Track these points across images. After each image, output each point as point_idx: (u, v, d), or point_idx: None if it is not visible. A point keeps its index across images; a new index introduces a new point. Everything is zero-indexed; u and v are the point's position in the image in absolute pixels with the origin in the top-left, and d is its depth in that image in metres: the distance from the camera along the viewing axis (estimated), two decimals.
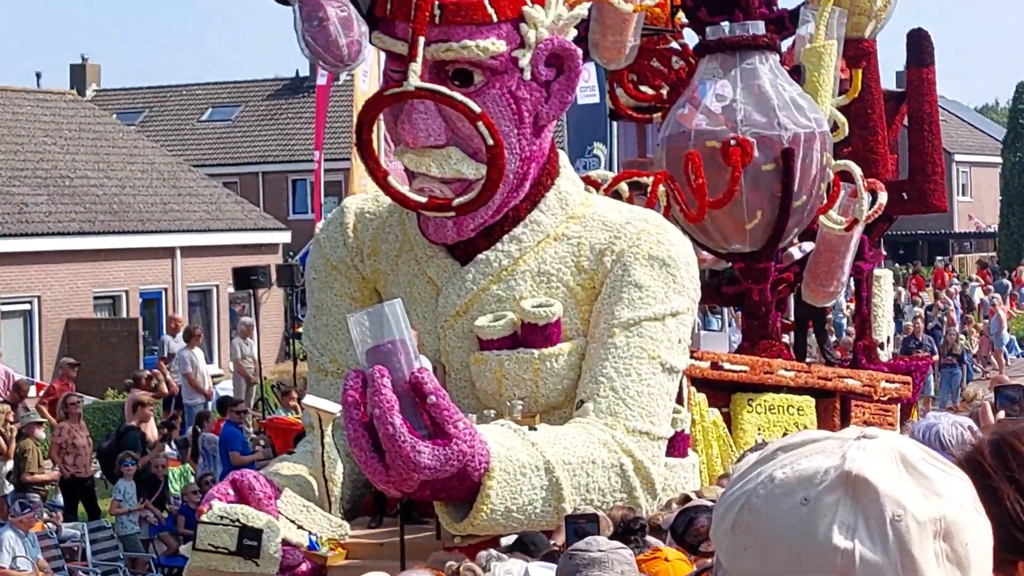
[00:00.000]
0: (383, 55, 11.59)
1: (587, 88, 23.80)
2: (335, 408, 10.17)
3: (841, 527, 1.61)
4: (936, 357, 27.58)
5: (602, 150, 23.71)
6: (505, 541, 8.87)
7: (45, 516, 16.65)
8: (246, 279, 25.74)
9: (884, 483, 1.63)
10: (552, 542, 8.64)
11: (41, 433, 18.89)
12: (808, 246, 15.31)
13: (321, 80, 25.62)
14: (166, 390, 24.73)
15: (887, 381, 14.88)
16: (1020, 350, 35.12)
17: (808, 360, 16.72)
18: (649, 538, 7.46)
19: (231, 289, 31.78)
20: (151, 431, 20.75)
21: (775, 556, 1.64)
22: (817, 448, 1.68)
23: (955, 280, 45.72)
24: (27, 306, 30.09)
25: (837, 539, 1.61)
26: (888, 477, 1.64)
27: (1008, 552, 1.99)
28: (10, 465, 19.74)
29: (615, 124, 20.10)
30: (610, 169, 17.00)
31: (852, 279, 15.81)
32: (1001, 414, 4.25)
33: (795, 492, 1.64)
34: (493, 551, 8.58)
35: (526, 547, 8.20)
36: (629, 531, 7.32)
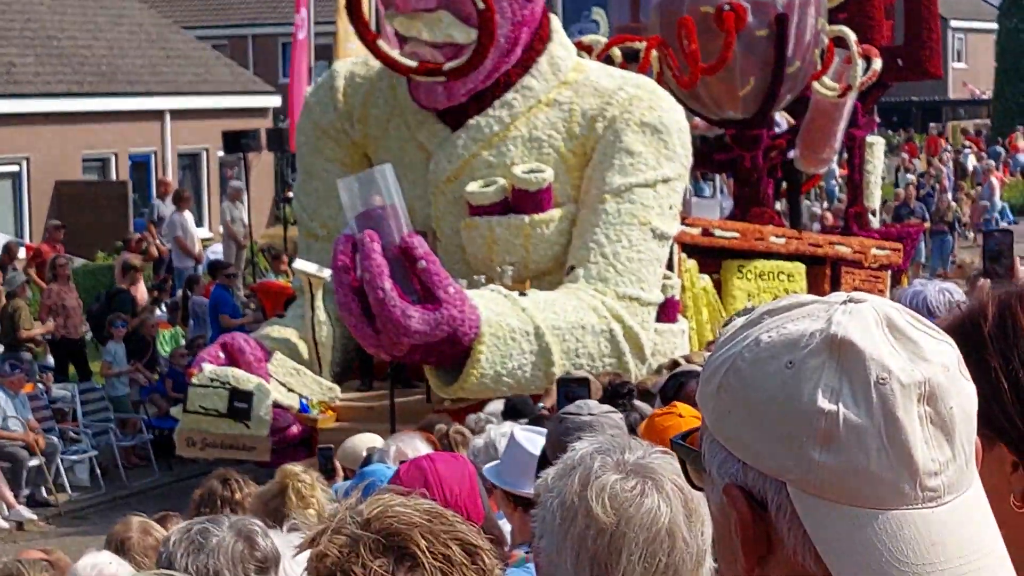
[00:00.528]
0: None
1: None
2: (325, 272, 10.18)
3: (825, 390, 1.61)
4: (927, 224, 27.57)
5: (601, 15, 23.50)
6: (493, 405, 8.93)
7: (36, 377, 16.69)
8: (236, 143, 25.58)
9: (869, 346, 1.63)
10: (540, 405, 8.68)
11: (28, 294, 18.87)
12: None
13: None
14: (155, 253, 24.70)
15: (878, 248, 14.90)
16: (1012, 217, 35.12)
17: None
18: (637, 402, 7.49)
19: (221, 153, 31.64)
20: (141, 294, 20.74)
21: (759, 418, 1.64)
22: (804, 312, 1.68)
23: (948, 147, 45.59)
24: (15, 167, 29.95)
25: (821, 401, 1.61)
26: (873, 340, 1.64)
27: (989, 430, 1.98)
28: None
29: None
30: (608, 35, 16.86)
31: (844, 146, 15.77)
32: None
33: (780, 355, 1.64)
34: (482, 415, 8.63)
35: (513, 411, 8.23)
36: (617, 395, 7.34)
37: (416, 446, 6.09)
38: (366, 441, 7.65)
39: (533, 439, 4.92)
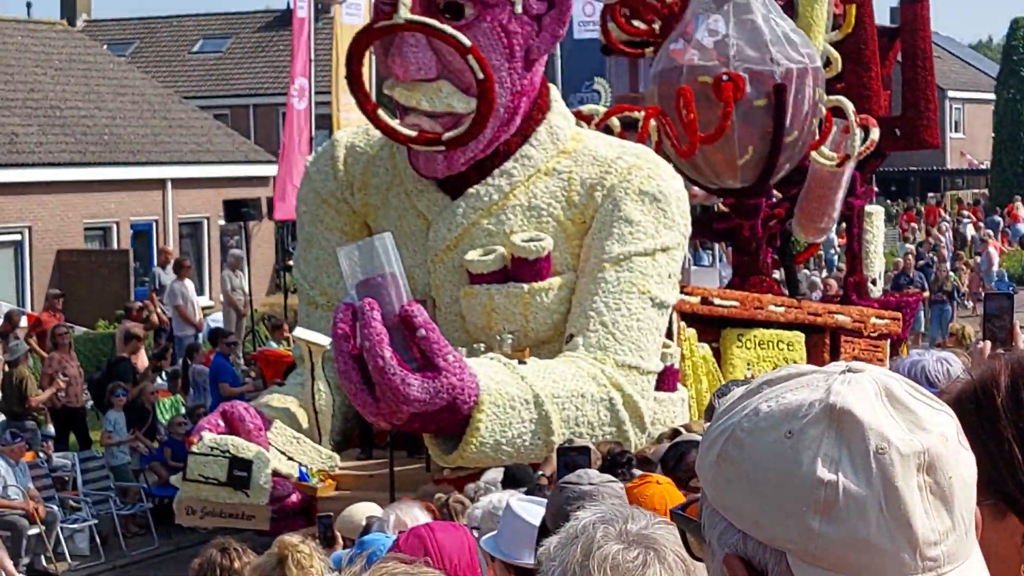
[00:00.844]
0: None
1: (589, 22, 23.69)
2: (325, 340, 10.19)
3: (825, 460, 1.62)
4: (926, 293, 27.62)
5: (603, 85, 23.63)
6: (491, 474, 8.91)
7: (37, 445, 16.68)
8: (237, 211, 25.68)
9: (868, 416, 1.64)
10: (540, 472, 8.67)
11: (30, 362, 18.88)
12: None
13: (300, 13, 25.41)
14: (156, 321, 24.73)
15: (877, 317, 14.91)
16: (1011, 285, 35.16)
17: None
18: (636, 471, 7.48)
19: (222, 221, 31.72)
20: (142, 362, 20.75)
21: (759, 488, 1.65)
22: (803, 382, 1.69)
23: (946, 216, 45.73)
24: (18, 236, 30.03)
25: (821, 471, 1.62)
26: (872, 410, 1.65)
27: (1001, 500, 1.99)
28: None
29: (607, 59, 20.04)
30: (608, 104, 16.96)
31: (843, 215, 15.81)
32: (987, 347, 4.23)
33: (780, 425, 1.65)
34: (481, 484, 8.62)
35: (512, 480, 8.23)
36: (616, 464, 7.34)
37: (415, 515, 6.08)
38: (365, 510, 7.64)
39: (530, 509, 4.91)
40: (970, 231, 41.76)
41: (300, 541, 5.54)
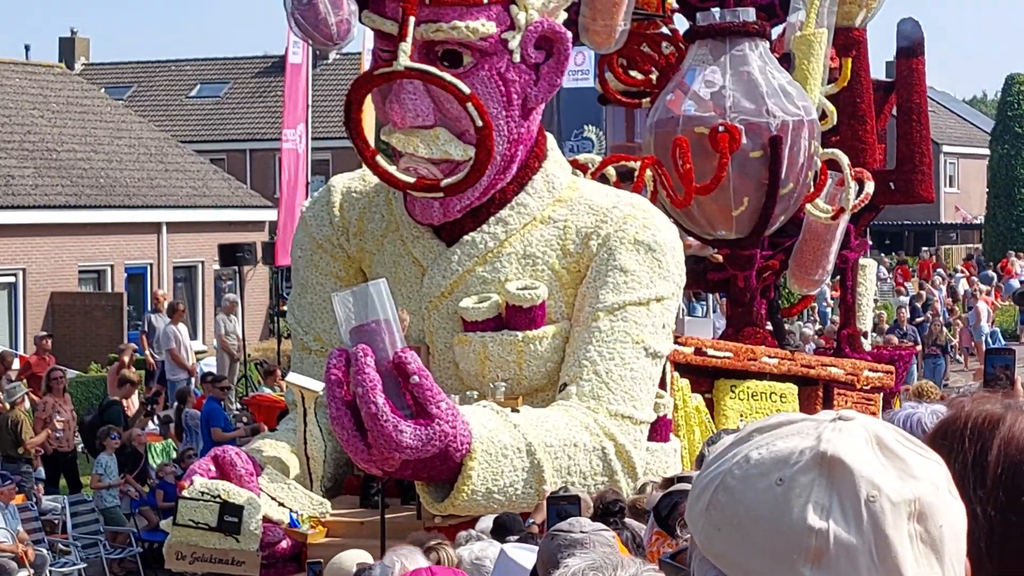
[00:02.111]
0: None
1: (580, 72, 23.78)
2: (318, 386, 10.17)
3: (815, 507, 1.62)
4: (920, 347, 27.66)
5: (594, 133, 23.68)
6: (483, 522, 8.89)
7: (27, 488, 16.65)
8: (232, 256, 25.73)
9: (859, 464, 1.64)
10: (531, 520, 8.66)
11: (26, 405, 18.86)
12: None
13: (294, 59, 25.50)
14: (153, 363, 24.78)
15: (870, 370, 14.91)
16: (1003, 342, 35.16)
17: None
18: (628, 520, 7.47)
19: (216, 265, 31.74)
20: (133, 406, 20.74)
21: (749, 536, 1.65)
22: (793, 429, 1.69)
23: (940, 271, 45.78)
24: (11, 279, 30.04)
25: (811, 519, 1.62)
26: (863, 458, 1.65)
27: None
28: None
29: (604, 108, 20.11)
30: (602, 153, 17.01)
31: (837, 268, 15.84)
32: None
33: (770, 473, 1.65)
34: (473, 532, 8.60)
35: (502, 528, 8.21)
36: (608, 513, 7.33)
37: (418, 560, 6.07)
38: (355, 557, 7.63)
39: (524, 555, 4.91)
40: (963, 286, 41.82)
41: None
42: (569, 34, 11.06)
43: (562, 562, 2.80)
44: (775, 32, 14.92)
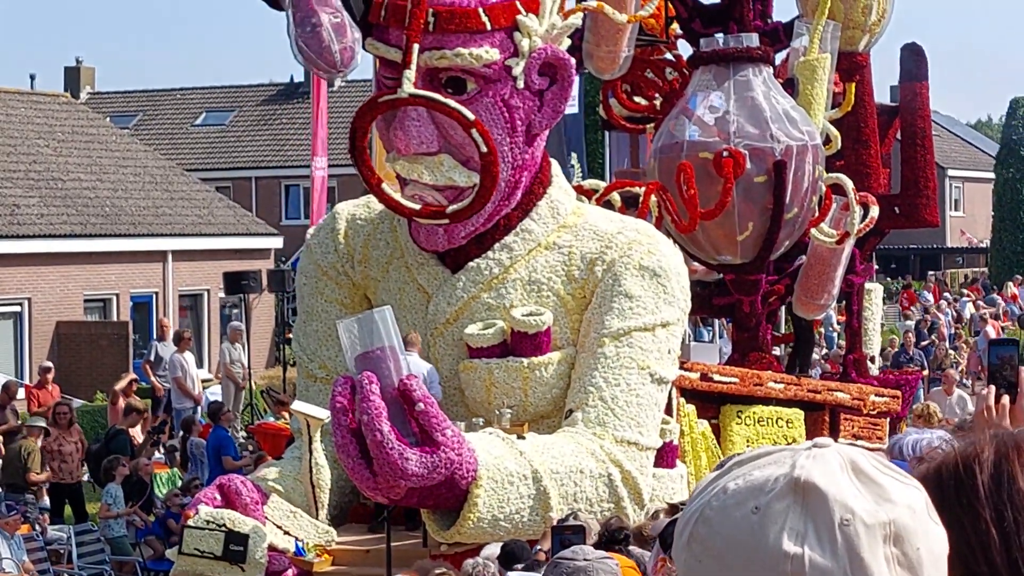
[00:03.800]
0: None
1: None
2: (323, 414, 10.15)
3: (791, 533, 1.63)
4: (926, 372, 27.62)
5: (575, 159, 23.57)
6: (489, 550, 8.86)
7: (33, 518, 16.62)
8: (237, 284, 25.73)
9: (832, 488, 1.65)
10: (538, 547, 8.63)
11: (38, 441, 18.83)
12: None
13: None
14: (155, 384, 24.79)
15: (876, 395, 14.88)
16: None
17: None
18: (633, 548, 7.44)
19: (222, 294, 31.75)
20: (139, 435, 20.70)
21: (728, 565, 1.65)
22: (770, 459, 1.70)
23: (946, 295, 45.73)
24: (17, 308, 30.05)
25: (787, 545, 1.62)
26: (837, 483, 1.66)
27: None
28: None
29: (608, 134, 20.12)
30: (584, 179, 16.99)
31: (843, 292, 15.82)
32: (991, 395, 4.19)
33: (746, 501, 1.66)
34: (480, 560, 8.57)
35: (510, 556, 8.19)
36: (613, 540, 7.31)
37: None
38: None
39: None
40: (969, 310, 41.78)
41: None
42: (573, 60, 11.07)
43: None
44: (779, 57, 14.93)
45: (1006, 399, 4.13)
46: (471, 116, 10.42)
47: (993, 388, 4.16)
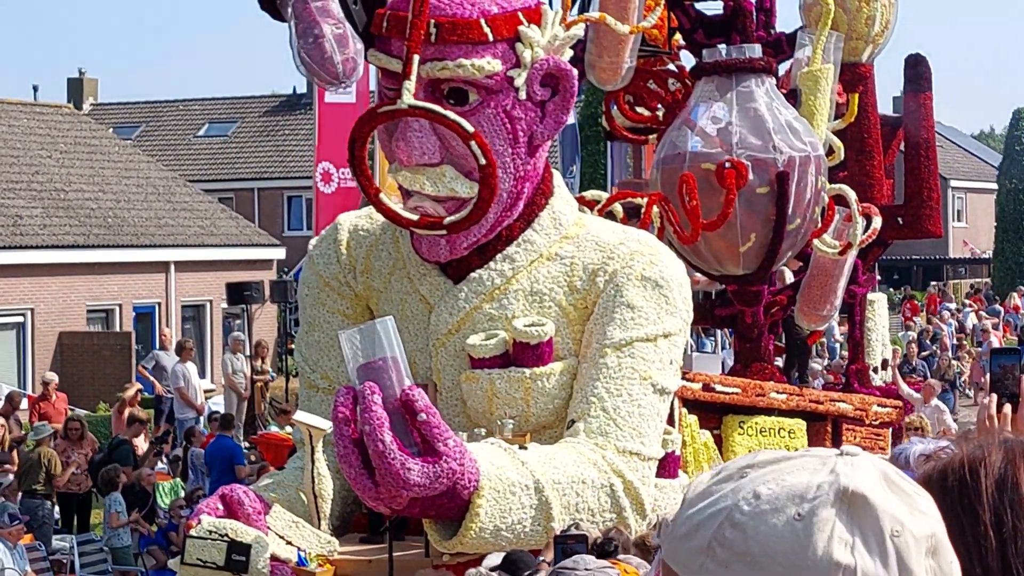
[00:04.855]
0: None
1: None
2: (325, 424, 10.15)
3: (840, 542, 1.62)
4: (939, 384, 27.64)
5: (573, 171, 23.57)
6: (491, 560, 8.85)
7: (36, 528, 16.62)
8: (240, 294, 25.77)
9: (881, 499, 1.64)
10: (541, 558, 8.64)
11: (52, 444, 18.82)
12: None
13: (336, 97, 25.46)
14: (158, 388, 24.85)
15: (879, 405, 14.89)
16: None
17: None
18: (631, 557, 7.44)
19: (224, 304, 31.77)
20: (142, 445, 20.73)
21: (767, 572, 1.64)
22: (797, 465, 1.69)
23: (948, 305, 45.73)
24: (20, 319, 30.07)
25: (838, 554, 1.61)
26: (881, 493, 1.65)
27: None
28: (9, 477, 19.84)
29: (610, 144, 20.14)
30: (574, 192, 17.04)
31: (845, 303, 15.83)
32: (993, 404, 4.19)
33: (785, 507, 1.64)
34: (481, 569, 8.57)
35: (512, 566, 8.18)
36: (604, 553, 7.31)
37: None
38: None
39: None
40: (971, 320, 41.77)
41: None
42: (575, 71, 11.08)
43: None
44: (781, 68, 14.95)
45: (1008, 408, 4.14)
46: (470, 128, 10.43)
47: (995, 397, 4.17)
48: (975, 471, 2.05)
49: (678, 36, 15.25)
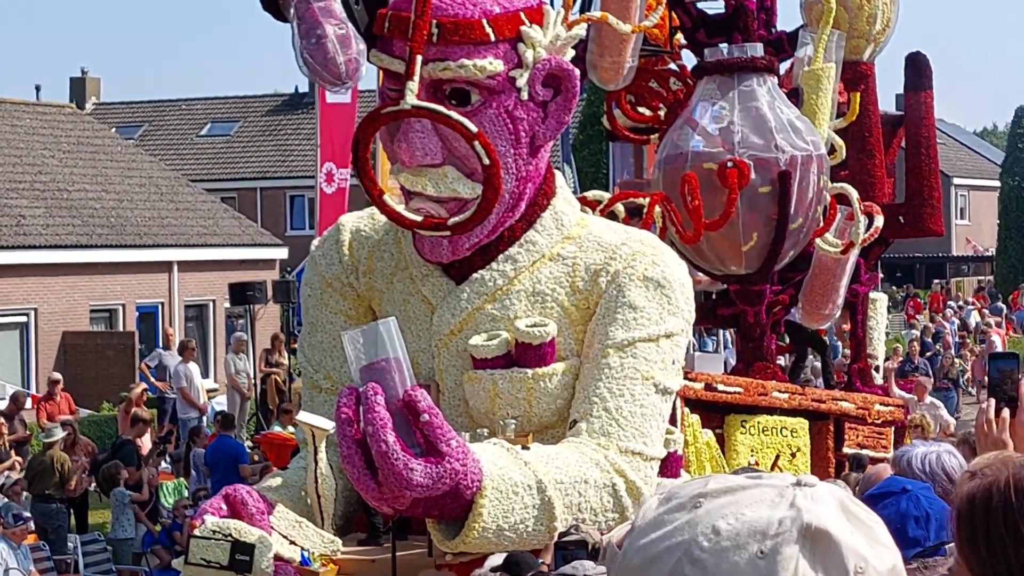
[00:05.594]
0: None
1: None
2: (328, 425, 10.17)
3: None
4: (932, 381, 27.61)
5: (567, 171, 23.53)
6: (492, 560, 8.87)
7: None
8: (242, 294, 25.78)
9: (843, 535, 1.63)
10: (541, 560, 8.65)
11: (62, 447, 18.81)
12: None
13: (337, 98, 25.44)
14: (161, 387, 24.90)
15: (881, 404, 14.90)
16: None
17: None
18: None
19: (227, 304, 31.79)
20: (146, 445, 20.76)
21: None
22: (753, 496, 1.66)
23: (952, 304, 45.72)
24: (23, 319, 30.10)
25: None
26: (843, 528, 1.63)
27: None
28: (13, 475, 19.87)
29: (611, 144, 20.16)
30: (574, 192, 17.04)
31: (847, 302, 15.84)
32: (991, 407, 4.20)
33: (747, 544, 1.62)
34: (484, 570, 8.59)
35: (514, 567, 8.20)
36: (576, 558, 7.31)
37: None
38: None
39: None
40: (974, 318, 41.78)
41: None
42: (577, 71, 11.09)
43: None
44: (783, 67, 14.96)
45: (1006, 412, 4.15)
46: (474, 128, 10.44)
47: (993, 401, 4.18)
48: (1020, 492, 2.05)
49: (680, 35, 15.26)
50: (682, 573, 1.61)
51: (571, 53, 11.45)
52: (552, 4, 10.97)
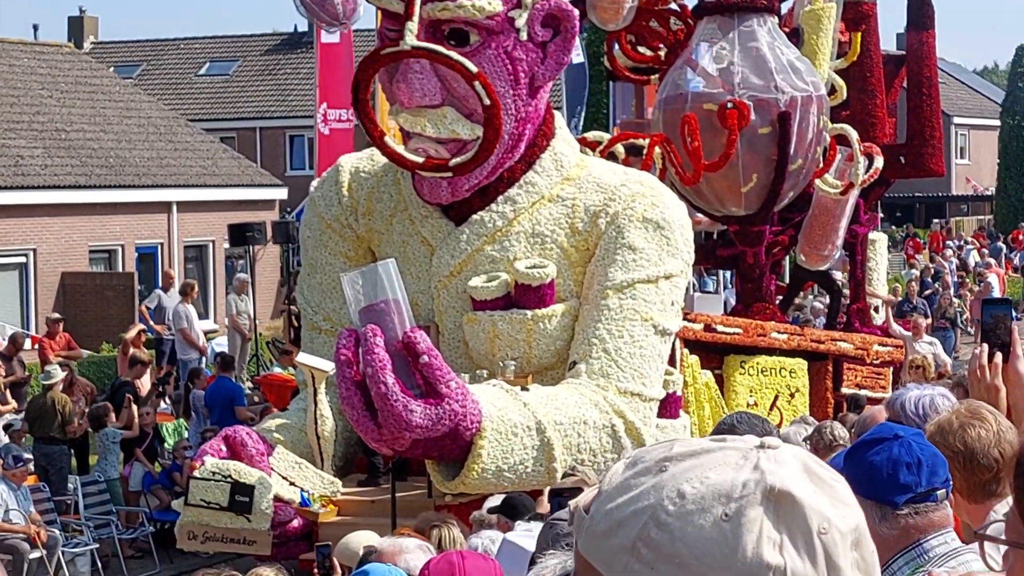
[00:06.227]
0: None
1: None
2: (328, 366, 10.18)
3: (768, 542, 1.60)
4: (929, 320, 27.60)
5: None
6: (492, 501, 8.90)
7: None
8: (242, 235, 25.67)
9: (807, 496, 1.62)
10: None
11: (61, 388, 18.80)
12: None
13: (330, 38, 25.28)
14: (158, 329, 24.89)
15: (880, 344, 14.91)
16: (1015, 313, 35.05)
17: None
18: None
19: (227, 245, 31.73)
20: (145, 386, 20.74)
21: (695, 574, 1.61)
22: (717, 459, 1.65)
23: (951, 243, 45.67)
24: (22, 259, 30.05)
25: (767, 555, 1.59)
26: (806, 489, 1.63)
27: None
28: (7, 418, 19.85)
29: (612, 84, 20.08)
30: (576, 131, 16.97)
31: (847, 242, 15.81)
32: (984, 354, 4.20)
33: (712, 507, 1.61)
34: (484, 512, 8.62)
35: (512, 509, 8.22)
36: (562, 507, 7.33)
37: (420, 557, 5.93)
38: (363, 539, 7.64)
39: (527, 540, 4.92)
40: (974, 257, 41.73)
41: (274, 573, 5.54)
42: (576, 12, 11.04)
43: (539, 562, 2.80)
44: (784, 7, 14.88)
45: (999, 357, 4.15)
46: (474, 68, 10.40)
47: (986, 346, 4.18)
48: None
49: None
50: (648, 537, 1.61)
51: None
52: None
